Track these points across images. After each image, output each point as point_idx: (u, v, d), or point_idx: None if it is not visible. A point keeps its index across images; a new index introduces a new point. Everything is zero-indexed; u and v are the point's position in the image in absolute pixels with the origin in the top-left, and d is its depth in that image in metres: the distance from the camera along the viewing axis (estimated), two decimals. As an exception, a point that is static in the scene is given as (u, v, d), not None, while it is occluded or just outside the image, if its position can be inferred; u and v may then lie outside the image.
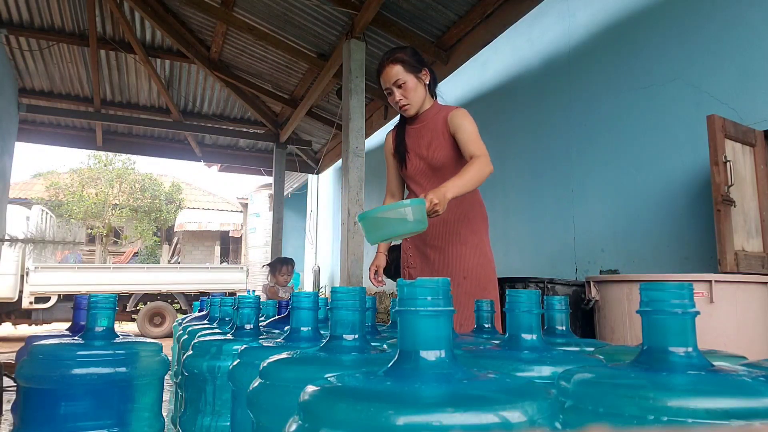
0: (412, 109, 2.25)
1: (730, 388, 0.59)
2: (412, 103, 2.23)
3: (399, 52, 2.22)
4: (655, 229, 4.16)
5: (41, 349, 1.17)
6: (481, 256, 2.22)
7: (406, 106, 2.24)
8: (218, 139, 9.52)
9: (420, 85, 2.23)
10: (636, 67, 4.43)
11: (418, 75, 2.22)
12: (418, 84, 2.22)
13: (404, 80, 2.19)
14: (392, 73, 2.19)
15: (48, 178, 18.50)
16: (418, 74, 2.22)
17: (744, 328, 2.59)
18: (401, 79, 2.19)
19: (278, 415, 0.70)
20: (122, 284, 9.88)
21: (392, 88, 2.21)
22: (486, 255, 2.24)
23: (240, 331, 1.38)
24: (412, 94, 2.22)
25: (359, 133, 4.80)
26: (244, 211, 17.42)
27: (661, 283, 0.67)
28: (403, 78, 2.19)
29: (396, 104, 2.24)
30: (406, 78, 2.19)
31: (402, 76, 2.19)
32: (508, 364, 0.86)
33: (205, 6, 5.60)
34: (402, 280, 0.61)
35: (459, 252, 2.22)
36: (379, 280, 2.28)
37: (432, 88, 2.31)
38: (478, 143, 2.13)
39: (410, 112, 2.26)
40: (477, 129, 2.18)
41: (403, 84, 2.20)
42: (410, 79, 2.20)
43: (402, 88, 2.20)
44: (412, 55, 2.24)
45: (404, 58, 2.20)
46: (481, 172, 1.99)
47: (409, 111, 2.26)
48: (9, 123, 7.08)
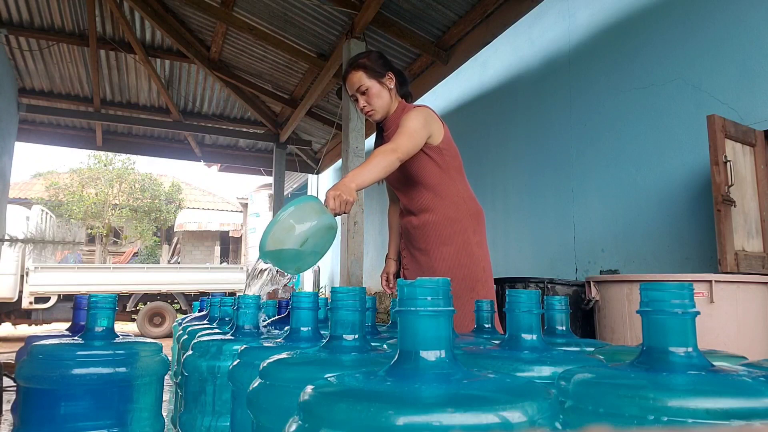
0: (377, 115, 2.21)
1: (730, 388, 0.59)
2: (376, 109, 2.19)
3: (362, 58, 2.19)
4: (655, 229, 4.16)
5: (41, 349, 1.17)
6: (465, 256, 2.17)
7: (370, 112, 2.20)
8: (218, 139, 9.52)
9: (384, 90, 2.18)
10: (636, 67, 4.43)
11: (381, 80, 2.17)
12: (382, 89, 2.17)
13: (367, 86, 2.15)
14: (354, 80, 2.15)
15: (48, 178, 18.50)
16: (382, 79, 2.17)
17: (744, 328, 2.59)
18: (364, 85, 2.15)
19: (278, 415, 0.70)
20: (122, 284, 9.88)
21: (356, 95, 2.18)
22: (472, 255, 2.18)
23: (240, 331, 1.38)
24: (376, 99, 2.17)
25: (359, 133, 4.80)
26: (244, 211, 17.43)
27: (661, 283, 0.67)
28: (365, 84, 2.15)
29: (361, 111, 2.21)
30: (369, 84, 2.15)
31: (365, 82, 2.15)
32: (508, 364, 0.86)
33: (205, 6, 5.60)
34: (402, 280, 0.61)
35: (441, 253, 2.19)
36: (391, 286, 2.28)
37: (400, 91, 2.26)
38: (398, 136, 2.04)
39: (375, 118, 2.23)
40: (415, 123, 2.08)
41: (366, 90, 2.16)
42: (373, 85, 2.16)
43: (366, 94, 2.16)
44: (375, 59, 2.19)
45: (366, 63, 2.16)
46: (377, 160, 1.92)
47: (375, 116, 2.22)
48: (9, 123, 7.08)
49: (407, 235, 2.31)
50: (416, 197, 2.23)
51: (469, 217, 2.22)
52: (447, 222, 2.20)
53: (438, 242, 2.19)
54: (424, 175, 2.19)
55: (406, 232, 2.32)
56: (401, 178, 2.24)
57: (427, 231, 2.21)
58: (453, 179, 2.22)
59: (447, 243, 2.18)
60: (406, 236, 2.32)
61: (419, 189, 2.22)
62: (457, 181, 2.23)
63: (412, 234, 2.27)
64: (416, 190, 2.23)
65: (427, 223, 2.21)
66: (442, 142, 2.17)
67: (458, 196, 2.22)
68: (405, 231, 2.33)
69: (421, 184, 2.21)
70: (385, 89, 2.18)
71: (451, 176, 2.22)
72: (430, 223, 2.21)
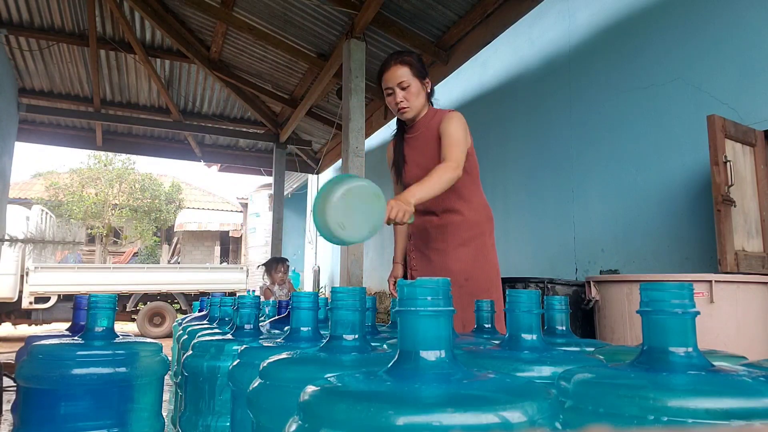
0: (411, 113, 2.25)
1: (730, 388, 0.59)
2: (411, 107, 2.23)
3: (407, 55, 2.23)
4: (655, 229, 4.16)
5: (41, 349, 1.17)
6: (482, 258, 2.22)
7: (405, 109, 2.23)
8: (218, 139, 9.52)
9: (422, 92, 2.24)
10: (636, 67, 4.43)
11: (422, 81, 2.23)
12: (421, 90, 2.23)
13: (409, 83, 2.19)
14: (398, 74, 2.18)
15: (48, 178, 18.50)
16: (423, 81, 2.23)
17: (744, 328, 2.59)
18: (406, 81, 2.19)
19: (278, 415, 0.70)
20: (122, 284, 9.89)
21: (395, 89, 2.20)
22: (487, 257, 2.24)
23: (240, 331, 1.38)
24: (414, 98, 2.22)
25: (359, 133, 4.80)
26: (244, 211, 17.42)
27: (661, 283, 0.67)
28: (408, 80, 2.19)
29: (396, 105, 2.23)
30: (412, 81, 2.20)
31: (408, 79, 2.19)
32: (508, 364, 0.86)
33: (205, 6, 5.60)
34: (402, 281, 0.61)
35: (458, 254, 2.22)
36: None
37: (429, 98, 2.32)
38: (453, 148, 2.10)
39: (408, 116, 2.26)
40: (462, 133, 2.15)
41: (407, 86, 2.20)
42: (415, 84, 2.20)
43: (405, 90, 2.20)
44: (420, 61, 2.25)
45: (412, 61, 2.21)
46: (443, 178, 1.98)
47: (407, 114, 2.25)
48: (9, 123, 7.08)
49: (422, 235, 2.31)
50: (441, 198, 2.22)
51: (487, 221, 2.29)
52: (468, 225, 2.25)
53: (456, 243, 2.23)
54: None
55: (421, 232, 2.32)
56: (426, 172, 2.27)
57: (447, 231, 2.25)
58: (476, 184, 2.31)
59: (465, 245, 2.22)
60: (420, 236, 2.32)
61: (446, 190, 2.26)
62: (478, 186, 2.32)
63: (430, 234, 2.28)
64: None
65: (450, 224, 2.24)
66: (470, 147, 2.25)
67: (479, 200, 2.29)
68: (420, 231, 2.32)
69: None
70: (423, 91, 2.25)
71: (474, 181, 2.30)
72: (452, 223, 2.25)
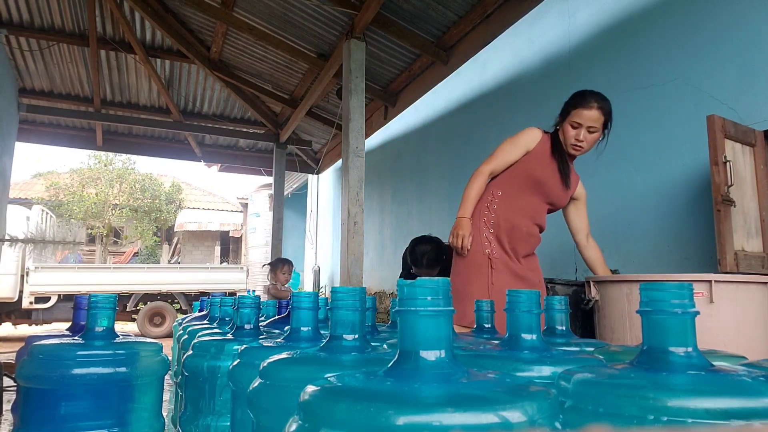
0: (581, 153, 2.42)
1: (730, 388, 0.59)
2: (584, 149, 2.39)
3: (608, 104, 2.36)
4: (654, 229, 4.15)
5: (41, 349, 1.17)
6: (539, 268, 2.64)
7: (580, 150, 2.39)
8: (218, 139, 9.52)
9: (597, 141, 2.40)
10: (636, 67, 4.43)
11: (603, 132, 2.38)
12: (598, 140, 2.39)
13: (597, 129, 2.34)
14: (595, 117, 2.32)
15: (48, 178, 18.50)
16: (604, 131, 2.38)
17: (744, 328, 2.59)
18: (596, 127, 2.33)
19: (278, 415, 0.70)
20: (122, 284, 9.88)
21: (584, 127, 2.33)
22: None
23: (240, 331, 1.38)
24: (592, 144, 2.38)
25: (359, 133, 4.80)
26: (244, 211, 17.42)
27: (661, 283, 0.67)
28: (598, 127, 2.34)
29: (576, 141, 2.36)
30: (599, 129, 2.35)
31: (598, 126, 2.33)
32: (508, 364, 0.86)
33: (205, 6, 5.60)
34: (402, 280, 0.61)
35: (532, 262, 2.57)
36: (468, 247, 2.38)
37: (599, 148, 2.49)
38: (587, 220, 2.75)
39: (578, 154, 2.43)
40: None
41: (594, 132, 2.34)
42: (599, 132, 2.36)
43: (591, 133, 2.34)
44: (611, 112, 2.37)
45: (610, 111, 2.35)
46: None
47: (578, 153, 2.41)
48: (9, 123, 7.08)
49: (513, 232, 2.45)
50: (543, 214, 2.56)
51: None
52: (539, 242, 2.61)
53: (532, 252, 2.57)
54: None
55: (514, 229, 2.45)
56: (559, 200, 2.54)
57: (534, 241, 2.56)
58: None
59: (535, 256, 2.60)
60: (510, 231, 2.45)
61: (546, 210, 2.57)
62: None
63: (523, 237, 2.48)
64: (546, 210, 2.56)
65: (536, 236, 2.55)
66: None
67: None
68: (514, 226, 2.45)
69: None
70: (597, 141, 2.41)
71: None
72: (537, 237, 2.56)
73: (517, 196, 2.45)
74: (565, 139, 2.39)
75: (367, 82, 5.10)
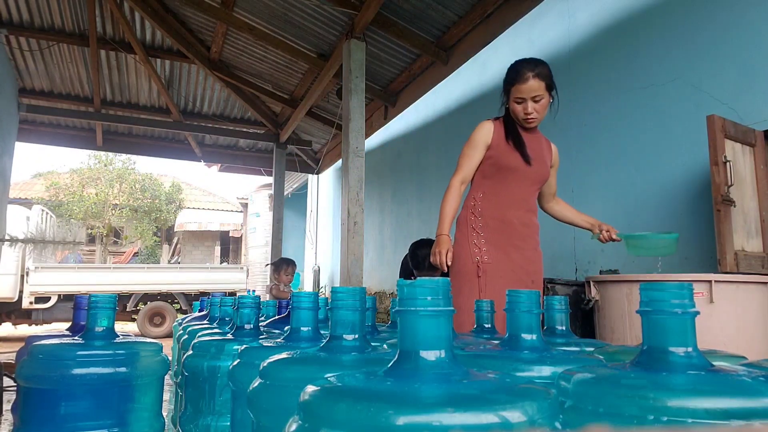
0: (535, 124, 2.35)
1: (730, 388, 0.59)
2: (538, 119, 2.32)
3: (543, 67, 2.28)
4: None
5: (41, 349, 1.17)
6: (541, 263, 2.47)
7: (533, 120, 2.31)
8: (218, 139, 9.52)
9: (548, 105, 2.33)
10: (636, 67, 4.43)
11: (551, 94, 2.31)
12: (548, 103, 2.32)
13: (543, 97, 2.27)
14: (535, 86, 2.25)
15: (48, 178, 18.50)
16: (551, 93, 2.31)
17: (744, 328, 2.59)
18: (541, 95, 2.26)
19: (278, 415, 0.70)
20: (122, 284, 9.89)
21: (527, 99, 2.27)
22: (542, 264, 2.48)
23: (240, 331, 1.38)
24: (543, 111, 2.31)
25: (359, 133, 4.80)
26: (244, 211, 17.42)
27: (661, 283, 0.67)
28: (543, 94, 2.27)
29: (525, 115, 2.29)
30: (545, 95, 2.28)
31: (543, 93, 2.27)
32: (508, 364, 0.86)
33: (205, 6, 5.60)
34: (401, 281, 0.61)
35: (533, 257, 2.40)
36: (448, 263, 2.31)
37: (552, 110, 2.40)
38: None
39: (533, 125, 2.35)
40: None
41: (540, 100, 2.27)
42: (547, 98, 2.29)
43: (538, 103, 2.28)
44: (550, 72, 2.31)
45: (549, 75, 2.28)
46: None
47: (533, 124, 2.34)
48: (9, 123, 7.08)
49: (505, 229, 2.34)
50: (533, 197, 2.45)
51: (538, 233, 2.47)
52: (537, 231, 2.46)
53: (532, 246, 2.42)
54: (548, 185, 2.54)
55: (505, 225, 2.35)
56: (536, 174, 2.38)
57: (529, 232, 2.40)
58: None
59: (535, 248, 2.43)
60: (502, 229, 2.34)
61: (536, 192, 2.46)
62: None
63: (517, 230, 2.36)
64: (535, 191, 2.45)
65: (532, 225, 2.42)
66: None
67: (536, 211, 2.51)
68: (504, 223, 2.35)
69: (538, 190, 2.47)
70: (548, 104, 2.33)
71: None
72: (534, 225, 2.43)
73: (498, 191, 2.37)
74: (516, 116, 2.33)
75: (367, 82, 5.10)
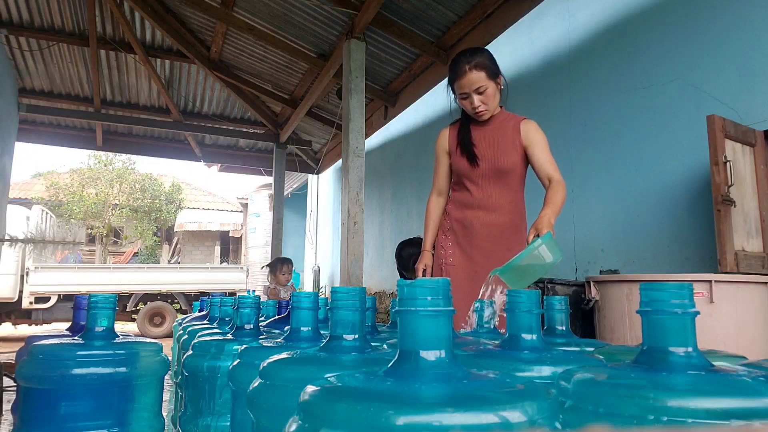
0: (488, 115, 2.25)
1: (730, 388, 0.59)
2: (489, 109, 2.23)
3: (480, 56, 2.19)
4: (655, 229, 4.15)
5: (41, 349, 1.17)
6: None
7: (483, 112, 2.23)
8: (218, 139, 9.52)
9: (497, 92, 2.24)
10: (636, 67, 4.43)
11: (496, 81, 2.22)
12: (496, 90, 2.23)
13: (486, 86, 2.18)
14: (474, 79, 2.17)
15: (48, 178, 18.51)
16: (497, 80, 2.22)
17: (744, 328, 2.59)
18: (483, 85, 2.18)
19: (278, 415, 0.70)
20: (122, 284, 9.88)
21: (471, 93, 2.19)
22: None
23: (240, 331, 1.38)
24: (491, 100, 2.22)
25: (359, 133, 4.80)
26: (244, 211, 17.42)
27: (661, 283, 0.67)
28: (485, 84, 2.18)
29: (473, 109, 2.22)
30: (488, 84, 2.18)
31: (484, 83, 2.18)
32: (508, 364, 0.86)
33: (205, 6, 5.60)
34: (402, 280, 0.61)
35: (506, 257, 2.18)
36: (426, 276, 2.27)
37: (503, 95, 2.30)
38: (554, 164, 2.19)
39: (485, 118, 2.26)
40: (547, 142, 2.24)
41: (484, 90, 2.19)
42: (491, 85, 2.20)
43: (482, 94, 2.19)
44: (492, 60, 2.22)
45: (487, 63, 2.18)
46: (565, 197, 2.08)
47: (485, 116, 2.25)
48: (9, 123, 7.08)
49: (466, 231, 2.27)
50: (496, 194, 2.25)
51: (525, 229, 2.25)
52: (514, 228, 2.25)
53: (503, 247, 2.22)
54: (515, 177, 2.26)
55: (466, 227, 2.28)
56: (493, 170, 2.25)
57: (494, 232, 2.24)
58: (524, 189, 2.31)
59: (510, 249, 2.17)
60: (464, 231, 2.28)
61: (503, 187, 2.26)
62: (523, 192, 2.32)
63: (477, 231, 2.25)
64: (500, 187, 2.26)
65: (497, 225, 2.24)
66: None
67: (521, 206, 2.29)
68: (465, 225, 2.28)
69: (508, 184, 2.25)
70: (498, 90, 2.24)
71: (523, 186, 2.30)
72: (500, 225, 2.24)
73: (458, 193, 2.35)
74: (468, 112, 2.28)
75: (367, 82, 5.10)
